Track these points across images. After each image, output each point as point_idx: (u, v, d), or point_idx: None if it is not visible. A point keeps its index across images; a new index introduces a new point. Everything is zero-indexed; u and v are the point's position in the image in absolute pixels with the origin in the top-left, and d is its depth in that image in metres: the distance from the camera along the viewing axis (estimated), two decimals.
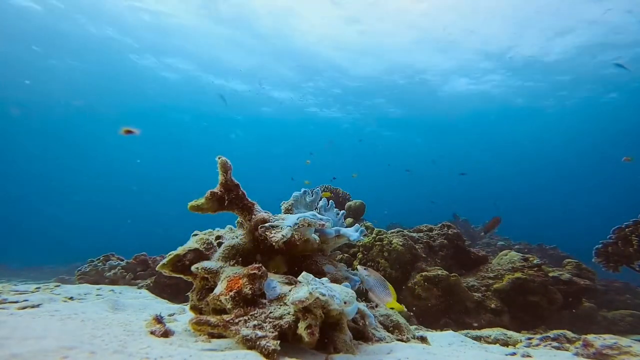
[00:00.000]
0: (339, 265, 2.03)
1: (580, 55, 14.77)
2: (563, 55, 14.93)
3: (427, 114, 22.68)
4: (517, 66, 16.16)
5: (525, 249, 8.23)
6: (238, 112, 25.78)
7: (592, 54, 14.58)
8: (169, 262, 1.65)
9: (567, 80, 17.33)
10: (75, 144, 34.90)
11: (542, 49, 14.60)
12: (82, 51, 17.22)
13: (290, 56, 17.06)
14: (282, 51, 16.62)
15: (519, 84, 18.15)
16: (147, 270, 4.90)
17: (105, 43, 16.39)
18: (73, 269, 6.88)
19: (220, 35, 15.31)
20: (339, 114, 24.18)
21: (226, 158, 1.67)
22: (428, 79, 18.24)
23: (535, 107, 21.13)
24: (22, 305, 1.87)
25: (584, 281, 4.58)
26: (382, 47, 15.68)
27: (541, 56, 15.16)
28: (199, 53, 17.08)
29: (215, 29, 14.90)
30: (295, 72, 18.74)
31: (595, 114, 21.54)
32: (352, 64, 17.66)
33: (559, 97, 19.53)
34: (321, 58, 17.00)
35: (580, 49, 14.35)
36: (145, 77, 20.10)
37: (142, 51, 17.31)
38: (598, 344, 1.97)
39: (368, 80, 19.06)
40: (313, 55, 16.77)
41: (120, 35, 15.95)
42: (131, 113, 27.38)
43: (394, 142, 30.46)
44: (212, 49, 16.62)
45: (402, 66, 17.37)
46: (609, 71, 15.61)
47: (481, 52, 15.27)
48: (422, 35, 14.58)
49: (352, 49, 16.06)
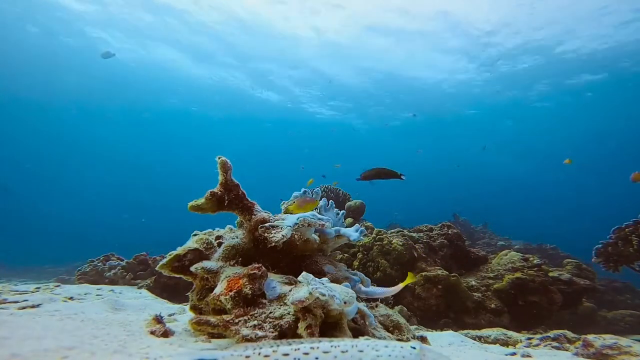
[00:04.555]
0: (339, 265, 2.02)
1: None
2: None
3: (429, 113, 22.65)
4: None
5: (525, 249, 8.23)
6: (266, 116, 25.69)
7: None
8: (169, 262, 1.65)
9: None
10: (76, 143, 34.91)
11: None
12: (84, 51, 17.25)
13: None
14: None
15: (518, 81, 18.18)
16: (147, 270, 4.90)
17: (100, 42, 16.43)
18: (73, 269, 6.88)
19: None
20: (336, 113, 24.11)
21: (226, 158, 1.67)
22: (423, 76, 18.24)
23: (534, 105, 21.17)
24: (22, 305, 1.87)
25: (584, 281, 4.58)
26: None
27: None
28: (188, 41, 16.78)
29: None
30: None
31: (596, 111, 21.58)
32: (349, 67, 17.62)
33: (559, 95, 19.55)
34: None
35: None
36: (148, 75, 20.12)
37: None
38: (598, 344, 1.97)
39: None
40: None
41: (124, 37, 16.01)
42: (133, 113, 27.43)
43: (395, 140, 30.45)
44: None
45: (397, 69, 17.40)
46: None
47: (480, 43, 15.11)
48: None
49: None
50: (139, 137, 35.26)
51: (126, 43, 16.70)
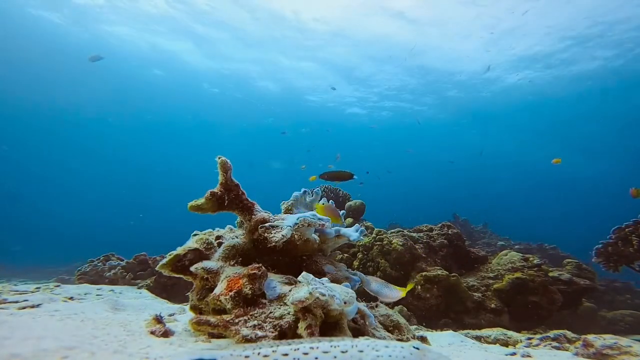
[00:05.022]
0: (339, 265, 2.02)
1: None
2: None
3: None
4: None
5: (525, 249, 8.23)
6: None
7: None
8: (169, 262, 1.65)
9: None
10: (77, 144, 34.91)
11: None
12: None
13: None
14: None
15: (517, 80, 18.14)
16: (147, 270, 4.89)
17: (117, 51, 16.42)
18: (73, 269, 6.87)
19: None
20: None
21: (226, 158, 1.67)
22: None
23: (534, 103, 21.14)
24: (22, 305, 1.87)
25: (584, 281, 4.58)
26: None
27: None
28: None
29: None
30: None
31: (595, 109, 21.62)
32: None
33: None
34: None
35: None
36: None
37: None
38: (598, 344, 1.97)
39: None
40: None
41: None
42: (134, 114, 27.41)
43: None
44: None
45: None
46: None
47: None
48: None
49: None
50: (139, 138, 35.28)
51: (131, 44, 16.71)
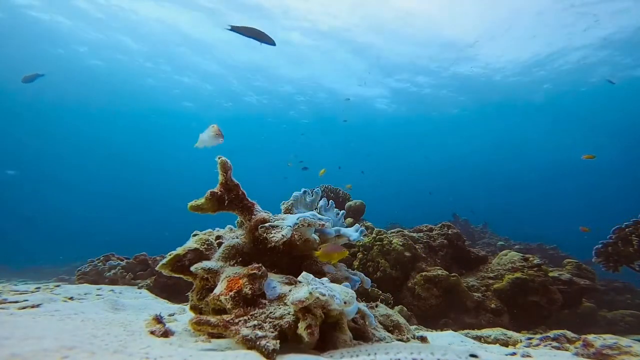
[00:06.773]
0: (339, 265, 2.03)
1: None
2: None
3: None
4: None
5: (525, 249, 8.23)
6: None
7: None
8: (168, 262, 1.65)
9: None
10: (77, 143, 34.89)
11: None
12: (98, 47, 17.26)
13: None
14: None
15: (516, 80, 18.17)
16: (147, 270, 4.90)
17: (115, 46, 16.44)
18: (73, 269, 6.88)
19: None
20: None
21: (226, 158, 1.67)
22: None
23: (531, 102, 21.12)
24: (22, 305, 1.87)
25: (584, 281, 4.58)
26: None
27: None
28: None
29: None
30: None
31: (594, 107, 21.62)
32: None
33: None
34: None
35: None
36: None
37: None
38: (598, 344, 1.97)
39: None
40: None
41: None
42: (134, 113, 27.39)
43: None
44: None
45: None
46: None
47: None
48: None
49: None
50: (139, 138, 35.26)
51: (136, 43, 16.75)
